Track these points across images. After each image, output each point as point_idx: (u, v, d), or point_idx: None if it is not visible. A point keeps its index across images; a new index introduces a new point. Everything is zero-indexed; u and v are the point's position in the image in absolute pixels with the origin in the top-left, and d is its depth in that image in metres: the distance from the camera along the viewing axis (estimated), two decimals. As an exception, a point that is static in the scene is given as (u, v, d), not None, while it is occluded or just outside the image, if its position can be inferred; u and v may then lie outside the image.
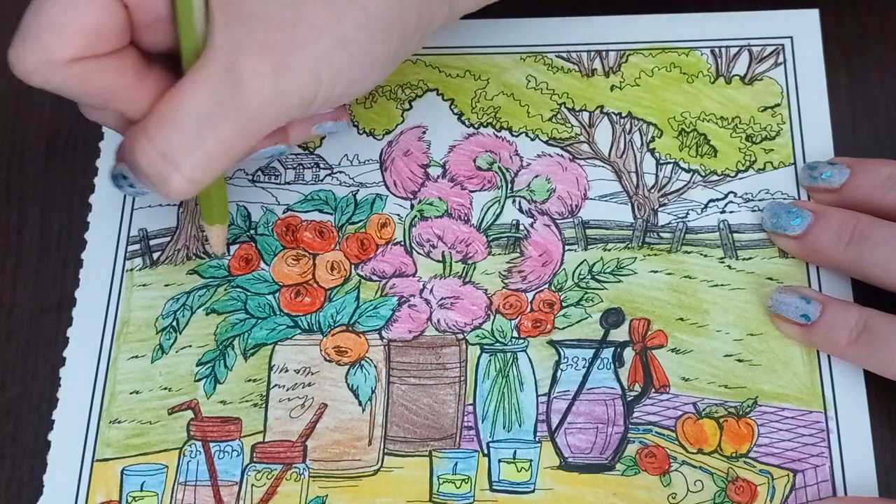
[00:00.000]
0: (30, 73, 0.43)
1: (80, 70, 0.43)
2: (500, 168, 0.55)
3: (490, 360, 0.51)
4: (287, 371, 0.51)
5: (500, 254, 0.53)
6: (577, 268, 0.52)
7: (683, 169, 0.54)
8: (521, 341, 0.51)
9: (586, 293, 0.52)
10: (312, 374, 0.51)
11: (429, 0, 0.46)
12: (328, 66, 0.44)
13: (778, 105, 0.55)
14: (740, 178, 0.54)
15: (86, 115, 0.48)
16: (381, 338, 0.52)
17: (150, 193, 0.46)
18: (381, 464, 0.49)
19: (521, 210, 0.54)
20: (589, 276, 0.52)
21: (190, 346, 0.52)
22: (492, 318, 0.52)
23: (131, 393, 0.51)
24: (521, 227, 0.53)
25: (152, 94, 0.45)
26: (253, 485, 0.49)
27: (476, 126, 0.56)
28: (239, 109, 0.43)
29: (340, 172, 0.55)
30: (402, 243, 0.53)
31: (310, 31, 0.43)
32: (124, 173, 0.46)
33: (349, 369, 0.51)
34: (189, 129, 0.43)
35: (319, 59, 0.44)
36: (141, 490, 0.49)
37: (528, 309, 0.52)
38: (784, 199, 0.53)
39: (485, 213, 0.54)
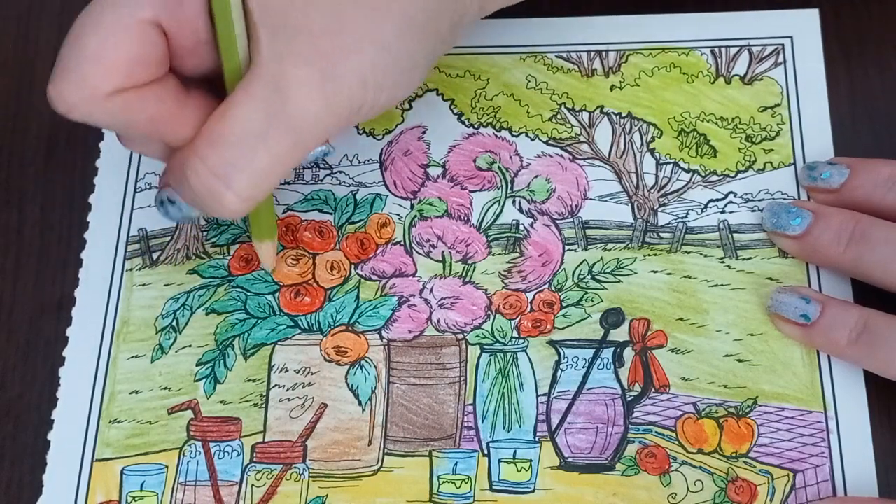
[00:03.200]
0: (71, 108, 0.42)
1: (121, 102, 0.43)
2: (499, 168, 0.55)
3: (490, 360, 0.51)
4: (287, 371, 0.51)
5: (500, 254, 0.53)
6: (577, 268, 0.52)
7: (683, 169, 0.54)
8: (521, 341, 0.51)
9: (586, 293, 0.52)
10: (312, 374, 0.51)
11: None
12: (373, 73, 0.44)
13: (778, 105, 0.55)
14: (740, 179, 0.54)
15: (125, 146, 0.47)
16: (381, 338, 0.52)
17: (197, 215, 0.46)
18: (381, 464, 0.49)
19: (521, 210, 0.54)
20: (589, 276, 0.52)
21: (190, 346, 0.52)
22: (492, 318, 0.52)
23: (131, 393, 0.51)
24: (521, 227, 0.53)
25: (194, 120, 0.44)
26: (253, 485, 0.49)
27: (476, 126, 0.56)
28: (289, 122, 0.43)
29: (340, 172, 0.55)
30: (402, 243, 0.53)
31: (353, 39, 0.43)
32: (171, 197, 0.45)
33: (349, 369, 0.51)
34: (241, 145, 0.42)
35: (365, 66, 0.43)
36: (141, 490, 0.49)
37: (528, 309, 0.52)
38: (784, 199, 0.53)
39: (485, 213, 0.54)
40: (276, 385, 0.51)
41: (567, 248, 0.53)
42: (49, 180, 0.56)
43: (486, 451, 0.49)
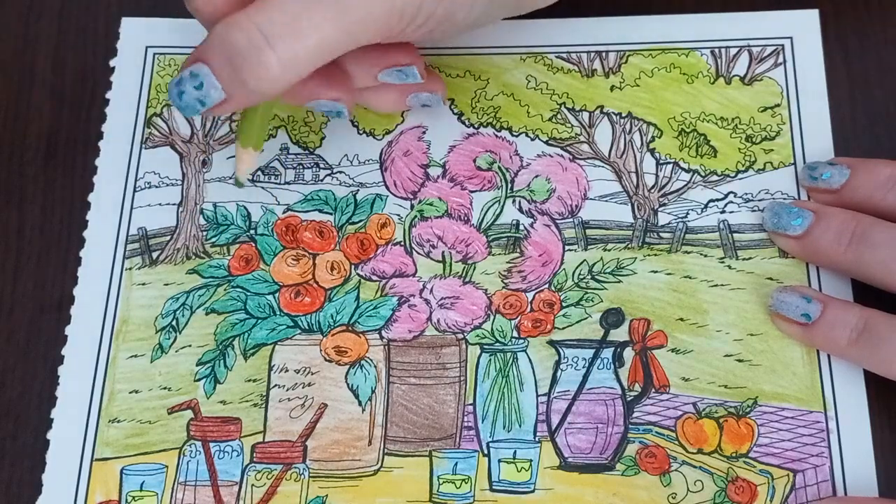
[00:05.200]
0: None
1: None
2: (500, 168, 0.55)
3: (490, 360, 0.51)
4: (287, 371, 0.51)
5: (500, 254, 0.53)
6: (577, 268, 0.52)
7: (683, 169, 0.54)
8: (521, 341, 0.51)
9: (586, 293, 0.52)
10: (312, 374, 0.51)
11: None
12: None
13: (778, 105, 0.55)
14: (740, 179, 0.54)
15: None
16: (381, 338, 0.52)
17: (216, 99, 0.45)
18: (381, 464, 0.49)
19: (521, 210, 0.54)
20: (589, 276, 0.52)
21: (190, 345, 0.52)
22: (492, 318, 0.52)
23: (130, 392, 0.51)
24: (521, 227, 0.53)
25: None
26: (253, 485, 0.49)
27: (476, 126, 0.56)
28: (341, 3, 0.43)
29: (340, 172, 0.55)
30: (402, 243, 0.53)
31: None
32: (196, 71, 0.45)
33: (349, 369, 0.51)
34: (290, 12, 0.43)
35: None
36: (140, 490, 0.49)
37: (528, 309, 0.52)
38: (784, 199, 0.53)
39: (485, 213, 0.54)
40: (276, 385, 0.51)
41: (567, 248, 0.53)
42: (49, 180, 0.56)
43: (486, 451, 0.49)
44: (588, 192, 0.54)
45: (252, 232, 0.54)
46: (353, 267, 0.53)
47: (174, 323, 0.52)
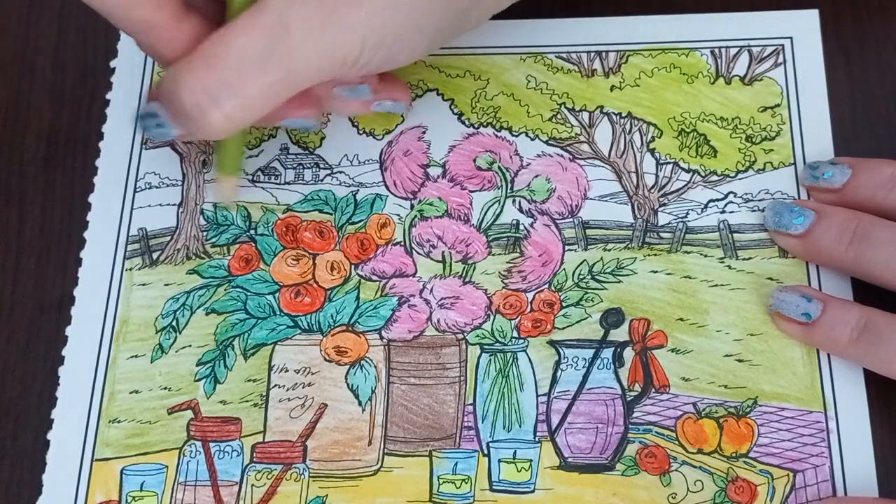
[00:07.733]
0: None
1: None
2: (500, 168, 0.55)
3: (490, 360, 0.51)
4: (287, 371, 0.51)
5: (500, 254, 0.53)
6: (577, 268, 0.52)
7: (683, 169, 0.54)
8: (521, 341, 0.51)
9: (586, 293, 0.52)
10: (312, 374, 0.51)
11: None
12: (374, 29, 0.45)
13: (778, 105, 0.55)
14: (740, 179, 0.54)
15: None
16: (381, 338, 0.52)
17: (175, 135, 0.47)
18: (381, 464, 0.49)
19: (521, 210, 0.54)
20: (589, 276, 0.52)
21: (190, 345, 0.52)
22: (492, 318, 0.52)
23: (131, 392, 0.51)
24: (521, 227, 0.53)
25: (187, 38, 0.46)
26: (253, 485, 0.49)
27: (476, 126, 0.56)
28: (285, 58, 0.45)
29: (340, 172, 0.55)
30: (402, 243, 0.53)
31: None
32: (155, 111, 0.47)
33: (349, 369, 0.51)
34: (235, 69, 0.45)
35: (368, 20, 0.45)
36: (141, 490, 0.49)
37: (528, 309, 0.52)
38: (784, 199, 0.53)
39: (485, 213, 0.54)
40: (276, 385, 0.51)
41: (567, 248, 0.53)
42: (49, 180, 0.56)
43: (486, 451, 0.49)
44: (588, 192, 0.54)
45: (252, 232, 0.54)
46: (353, 267, 0.53)
47: (174, 323, 0.52)
